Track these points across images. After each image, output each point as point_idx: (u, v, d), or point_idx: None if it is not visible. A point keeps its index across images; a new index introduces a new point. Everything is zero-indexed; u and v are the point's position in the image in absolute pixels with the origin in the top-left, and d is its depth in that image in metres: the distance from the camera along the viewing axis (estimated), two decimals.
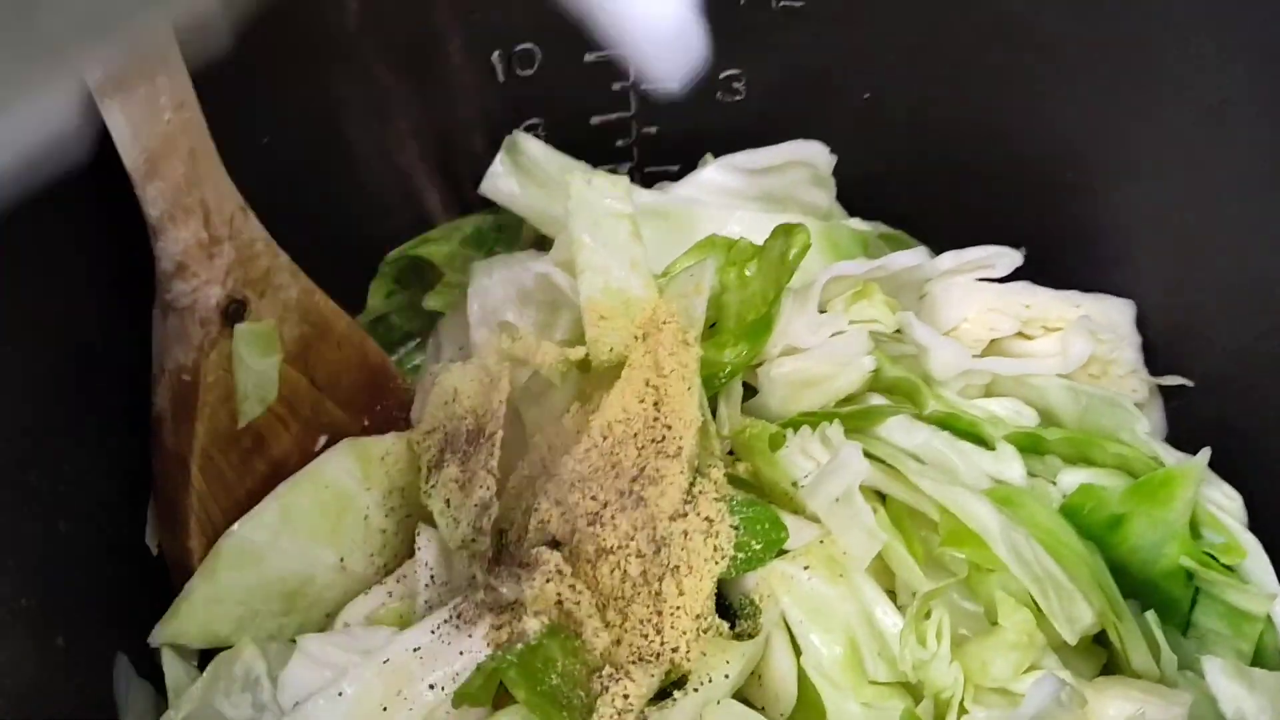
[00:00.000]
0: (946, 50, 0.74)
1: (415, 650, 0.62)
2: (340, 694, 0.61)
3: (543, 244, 0.83)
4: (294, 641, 0.66)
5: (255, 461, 0.67)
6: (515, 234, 0.82)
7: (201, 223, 0.57)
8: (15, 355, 0.56)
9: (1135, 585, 0.68)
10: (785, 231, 0.69)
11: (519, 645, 0.56)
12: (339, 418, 0.71)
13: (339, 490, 0.68)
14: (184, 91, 0.55)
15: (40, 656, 0.58)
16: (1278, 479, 0.69)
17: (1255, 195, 0.67)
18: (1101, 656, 0.67)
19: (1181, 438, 0.74)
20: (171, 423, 0.62)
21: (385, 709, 0.60)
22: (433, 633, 0.63)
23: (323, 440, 0.71)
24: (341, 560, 0.68)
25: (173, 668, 0.64)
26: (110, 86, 0.52)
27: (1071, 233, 0.76)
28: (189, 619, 0.64)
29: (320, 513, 0.67)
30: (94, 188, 0.59)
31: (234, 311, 0.61)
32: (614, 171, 0.83)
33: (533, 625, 0.56)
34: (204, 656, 0.67)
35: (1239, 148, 0.66)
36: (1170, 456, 0.69)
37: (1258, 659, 0.67)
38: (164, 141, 0.55)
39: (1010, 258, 0.75)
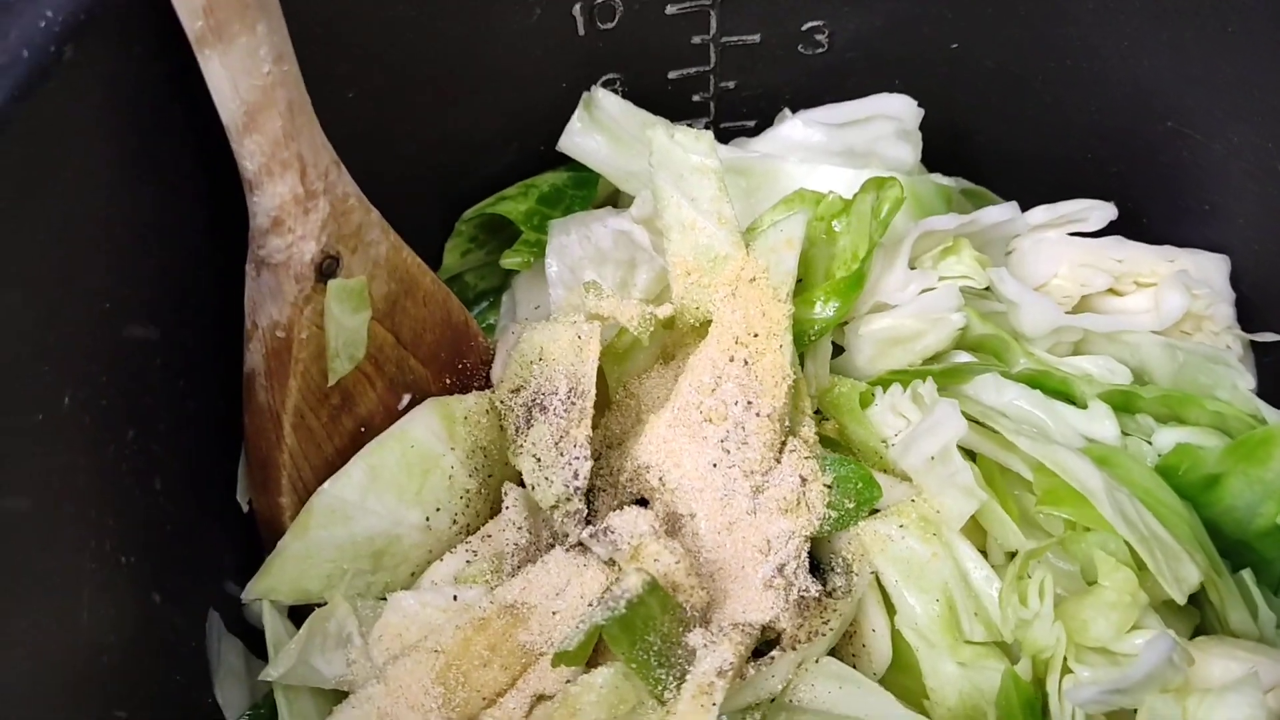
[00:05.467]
0: None
1: (509, 607, 0.62)
2: (436, 651, 0.61)
3: (618, 201, 0.82)
4: (383, 599, 0.66)
5: (343, 419, 0.67)
6: (592, 191, 0.80)
7: (298, 177, 0.56)
8: (111, 314, 0.56)
9: (1228, 545, 0.67)
10: (876, 185, 0.68)
11: (622, 602, 0.55)
12: (422, 375, 0.71)
13: (424, 450, 0.67)
14: (283, 43, 0.54)
15: (139, 612, 0.59)
16: None
17: None
18: (1195, 616, 0.66)
19: (1274, 395, 0.73)
20: (265, 379, 0.62)
21: (483, 665, 0.60)
22: (524, 590, 0.63)
23: (406, 399, 0.70)
24: (427, 520, 0.68)
25: (273, 621, 0.64)
26: (210, 36, 0.51)
27: (1168, 185, 0.74)
28: (281, 575, 0.64)
29: (406, 472, 0.67)
30: (184, 145, 0.59)
31: (327, 267, 0.60)
32: (691, 127, 0.82)
33: (634, 582, 0.56)
34: (291, 614, 0.67)
35: None
36: (1272, 414, 0.68)
37: None
38: (263, 94, 0.54)
39: (1104, 211, 0.73)
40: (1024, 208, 0.77)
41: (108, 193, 0.55)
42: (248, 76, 0.53)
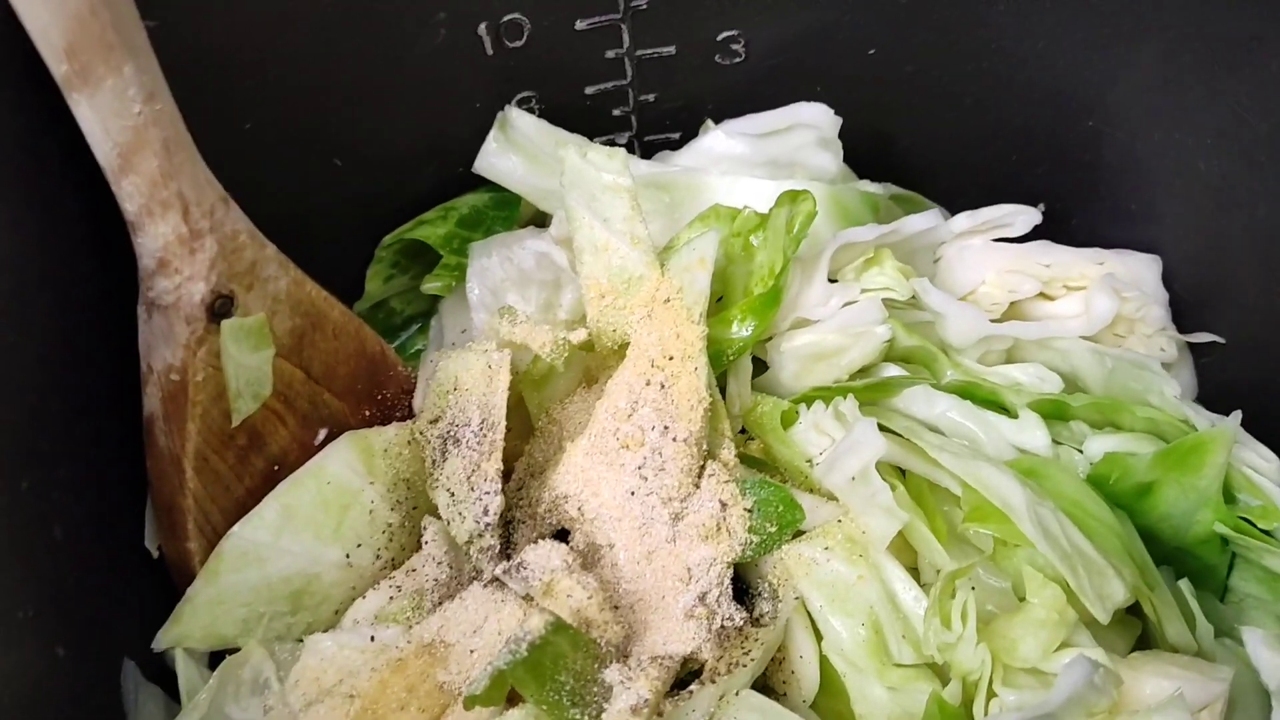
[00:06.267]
0: None
1: (426, 646, 0.61)
2: (351, 695, 0.59)
3: (541, 220, 0.80)
4: (302, 641, 0.65)
5: (253, 459, 0.65)
6: (514, 211, 0.79)
7: (181, 216, 0.55)
8: (2, 359, 0.54)
9: (1167, 553, 0.66)
10: (790, 199, 0.66)
11: (524, 645, 0.54)
12: (338, 409, 0.69)
13: (342, 485, 0.66)
14: (154, 82, 0.52)
15: (41, 667, 0.57)
16: None
17: None
18: (1136, 628, 0.64)
19: (1213, 396, 0.71)
20: (163, 423, 0.61)
21: (400, 708, 0.59)
22: (442, 628, 0.62)
23: (323, 434, 0.69)
24: (347, 557, 0.66)
25: (186, 669, 0.62)
26: (76, 80, 0.50)
27: (1093, 186, 0.72)
28: (193, 622, 0.63)
29: (323, 510, 0.65)
30: (68, 186, 0.57)
31: (220, 307, 0.59)
32: (612, 142, 0.81)
33: (535, 624, 0.54)
34: (213, 657, 0.66)
35: (1272, 88, 0.62)
36: (1202, 419, 0.66)
37: None
38: (135, 135, 0.52)
39: (1028, 215, 0.72)
40: (957, 211, 0.75)
41: None
42: (118, 118, 0.52)
